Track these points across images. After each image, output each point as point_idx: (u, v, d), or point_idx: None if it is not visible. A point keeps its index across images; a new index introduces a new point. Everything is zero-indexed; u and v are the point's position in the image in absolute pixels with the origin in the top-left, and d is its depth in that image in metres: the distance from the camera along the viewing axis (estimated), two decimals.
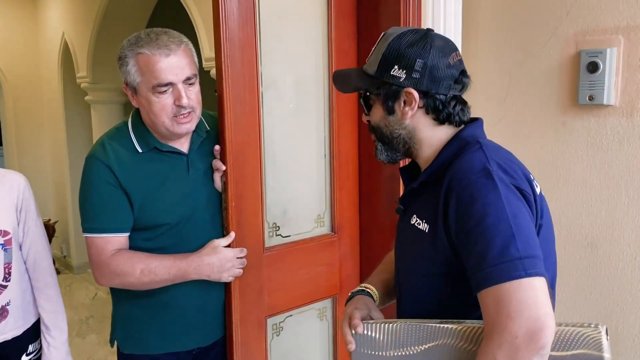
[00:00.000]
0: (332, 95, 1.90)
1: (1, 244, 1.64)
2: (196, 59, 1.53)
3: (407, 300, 1.26)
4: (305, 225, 1.90)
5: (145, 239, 1.56)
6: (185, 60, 1.46)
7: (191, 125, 1.52)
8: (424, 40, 1.13)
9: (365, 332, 1.19)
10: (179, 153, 1.57)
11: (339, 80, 1.28)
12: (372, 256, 2.01)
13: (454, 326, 1.09)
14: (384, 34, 1.19)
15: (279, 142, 1.79)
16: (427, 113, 1.15)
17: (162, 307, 1.60)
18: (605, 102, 1.62)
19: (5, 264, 1.65)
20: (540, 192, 1.15)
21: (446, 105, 1.14)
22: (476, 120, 1.20)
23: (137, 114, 1.57)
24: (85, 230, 1.54)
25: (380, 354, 1.17)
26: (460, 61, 1.17)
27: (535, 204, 1.10)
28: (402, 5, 1.79)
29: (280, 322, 1.86)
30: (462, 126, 1.19)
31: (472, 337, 1.06)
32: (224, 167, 1.60)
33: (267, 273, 1.77)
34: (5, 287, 1.66)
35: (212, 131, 1.65)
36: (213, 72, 3.31)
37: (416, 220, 1.17)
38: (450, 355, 1.08)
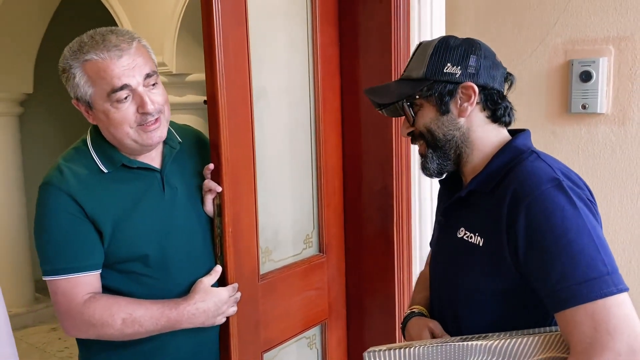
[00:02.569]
0: (318, 104, 1.76)
1: None
2: (154, 56, 1.33)
3: (451, 319, 1.18)
4: (294, 247, 1.73)
5: (123, 275, 1.32)
6: (141, 57, 1.26)
7: (162, 132, 1.31)
8: (470, 41, 1.13)
9: None
10: (151, 169, 1.35)
11: (378, 93, 1.20)
12: (360, 276, 1.89)
13: (481, 342, 1.03)
14: (421, 43, 1.16)
15: (269, 157, 1.61)
16: (484, 109, 1.12)
17: (148, 358, 1.36)
18: (598, 111, 1.65)
19: None
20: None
21: (502, 99, 1.14)
22: (524, 131, 1.18)
23: (97, 129, 1.34)
24: (46, 273, 1.27)
25: None
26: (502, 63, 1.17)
27: (597, 216, 1.07)
28: (392, 12, 1.71)
29: (274, 357, 1.67)
30: (509, 135, 1.17)
31: (505, 350, 1.02)
32: (219, 189, 1.40)
33: (263, 304, 1.58)
34: None
35: (185, 143, 1.44)
36: None
37: (465, 234, 1.11)
38: None
